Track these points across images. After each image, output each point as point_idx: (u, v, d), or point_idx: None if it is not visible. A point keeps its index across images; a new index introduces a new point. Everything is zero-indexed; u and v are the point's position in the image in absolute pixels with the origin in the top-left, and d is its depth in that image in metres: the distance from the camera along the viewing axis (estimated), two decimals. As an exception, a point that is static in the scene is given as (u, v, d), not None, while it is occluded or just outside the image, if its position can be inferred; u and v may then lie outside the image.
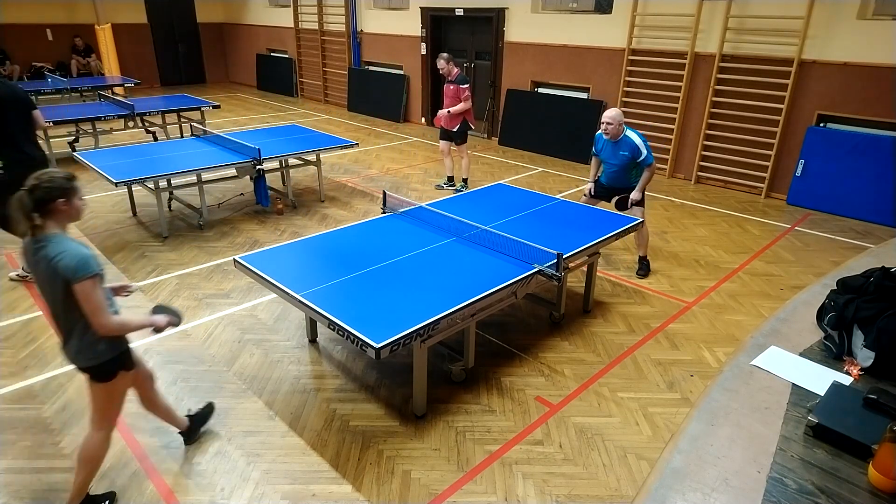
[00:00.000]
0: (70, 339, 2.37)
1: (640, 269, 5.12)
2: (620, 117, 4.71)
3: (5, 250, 5.34)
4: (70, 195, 2.28)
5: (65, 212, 2.28)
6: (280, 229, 6.04)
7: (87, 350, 2.36)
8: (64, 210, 2.27)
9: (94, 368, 2.40)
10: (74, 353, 2.39)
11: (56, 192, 2.23)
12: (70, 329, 2.34)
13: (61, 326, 2.37)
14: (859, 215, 6.60)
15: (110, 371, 2.43)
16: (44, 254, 2.21)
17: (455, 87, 6.85)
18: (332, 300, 3.04)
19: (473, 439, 3.12)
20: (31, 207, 2.19)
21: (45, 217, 2.23)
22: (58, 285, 2.21)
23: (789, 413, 1.68)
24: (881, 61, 6.24)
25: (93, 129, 8.32)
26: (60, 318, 2.35)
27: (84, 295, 2.20)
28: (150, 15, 14.92)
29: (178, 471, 2.87)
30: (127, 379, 2.52)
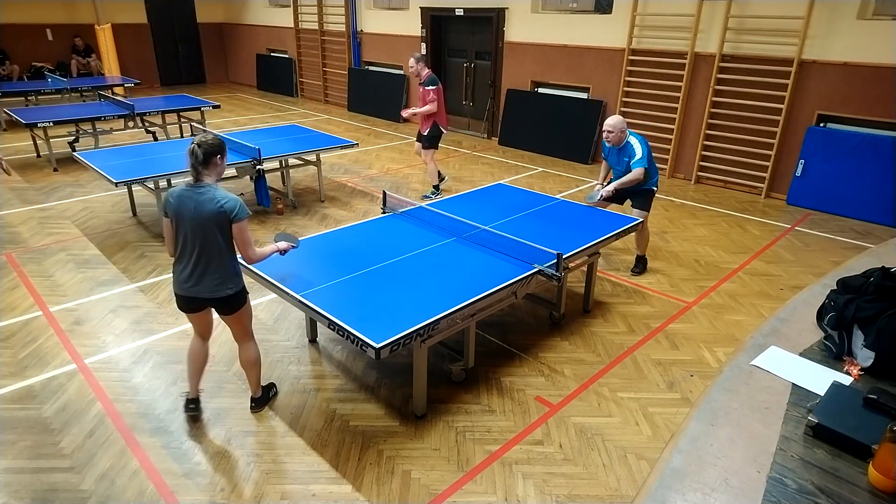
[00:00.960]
0: (206, 274, 2.82)
1: (636, 267, 5.13)
2: (621, 124, 4.72)
3: (5, 250, 5.34)
4: (224, 153, 2.85)
5: (220, 166, 2.83)
6: (280, 229, 6.03)
7: (229, 280, 2.88)
8: (220, 164, 2.83)
9: (233, 297, 2.91)
10: (215, 286, 2.85)
11: (217, 149, 2.79)
12: (208, 264, 2.81)
13: (201, 262, 2.81)
14: (859, 215, 6.60)
15: (244, 297, 2.99)
16: (208, 196, 2.73)
17: (423, 90, 6.59)
18: (332, 300, 3.04)
19: (473, 439, 3.12)
20: (200, 159, 2.74)
21: (207, 168, 2.78)
22: (212, 223, 2.73)
23: (789, 413, 1.68)
24: (881, 61, 6.24)
25: (93, 129, 8.32)
26: (203, 255, 2.79)
27: (242, 231, 2.79)
28: (150, 15, 14.91)
29: (178, 471, 2.87)
30: (249, 303, 3.07)
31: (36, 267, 5.03)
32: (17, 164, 8.09)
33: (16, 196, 6.83)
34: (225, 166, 2.92)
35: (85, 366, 3.68)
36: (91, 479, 2.80)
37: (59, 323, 4.16)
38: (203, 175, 2.77)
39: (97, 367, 3.67)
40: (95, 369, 3.65)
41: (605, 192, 4.77)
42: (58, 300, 4.47)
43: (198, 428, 3.17)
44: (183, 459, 2.95)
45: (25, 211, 6.33)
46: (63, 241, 5.57)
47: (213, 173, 2.81)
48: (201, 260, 2.80)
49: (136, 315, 4.27)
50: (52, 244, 5.51)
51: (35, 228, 5.88)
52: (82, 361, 3.72)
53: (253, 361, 3.18)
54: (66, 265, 5.07)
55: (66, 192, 6.99)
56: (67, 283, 4.75)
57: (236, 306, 2.98)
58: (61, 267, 5.03)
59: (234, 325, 3.08)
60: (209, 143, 2.76)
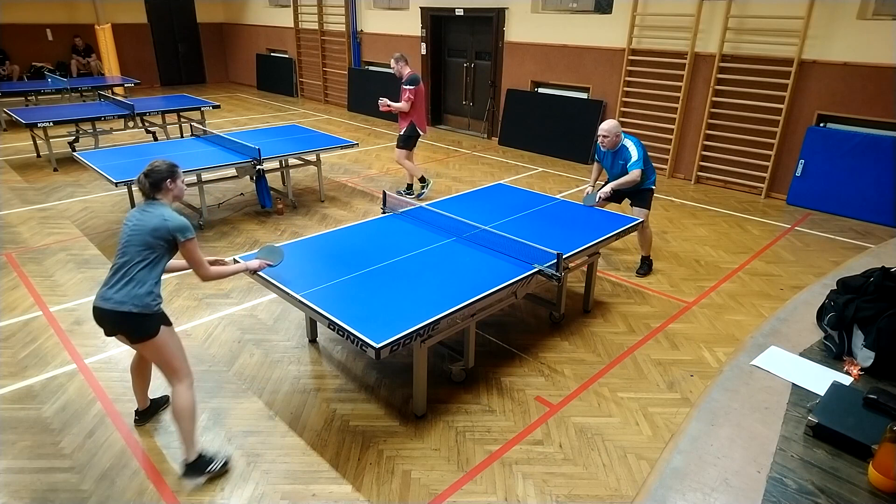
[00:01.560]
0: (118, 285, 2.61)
1: (641, 268, 5.13)
2: (616, 128, 4.73)
3: (5, 250, 5.34)
4: (175, 176, 2.78)
5: (173, 189, 2.78)
6: (280, 229, 6.04)
7: (135, 299, 2.59)
8: (172, 188, 2.77)
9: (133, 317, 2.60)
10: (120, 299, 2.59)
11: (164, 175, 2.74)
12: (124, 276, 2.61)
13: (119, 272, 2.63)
14: (859, 215, 6.60)
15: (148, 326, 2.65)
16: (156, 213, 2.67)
17: (402, 88, 6.52)
18: (332, 300, 3.04)
19: (473, 439, 3.12)
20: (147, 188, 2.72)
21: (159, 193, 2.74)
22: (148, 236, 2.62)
23: (789, 413, 1.68)
24: (881, 61, 6.24)
25: (93, 129, 8.32)
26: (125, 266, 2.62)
27: (191, 252, 2.71)
28: (150, 15, 14.92)
29: (179, 471, 2.87)
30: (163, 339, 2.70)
31: (36, 267, 5.03)
32: (17, 164, 8.10)
33: (16, 196, 6.83)
34: (182, 186, 2.83)
35: (85, 366, 3.68)
36: (91, 479, 2.80)
37: (59, 323, 4.16)
38: (156, 197, 2.73)
39: (97, 367, 3.67)
40: (95, 369, 3.65)
41: (602, 194, 4.76)
42: (58, 300, 4.47)
43: (198, 428, 3.16)
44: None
45: (25, 211, 6.33)
46: (63, 241, 5.57)
47: (167, 196, 2.76)
48: (120, 271, 2.62)
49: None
50: (52, 244, 5.51)
51: (35, 228, 5.88)
52: (82, 361, 3.72)
53: (179, 410, 2.72)
54: (66, 265, 5.07)
55: (66, 192, 6.99)
56: (67, 283, 4.75)
57: (139, 332, 2.64)
58: (61, 267, 5.04)
59: (149, 357, 2.80)
60: (155, 172, 2.71)
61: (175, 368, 2.74)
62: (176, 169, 2.80)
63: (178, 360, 2.76)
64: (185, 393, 2.73)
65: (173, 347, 2.74)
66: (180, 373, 2.75)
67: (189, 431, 2.73)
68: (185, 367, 2.79)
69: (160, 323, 2.67)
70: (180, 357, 2.78)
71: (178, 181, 2.81)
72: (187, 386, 2.76)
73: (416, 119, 6.64)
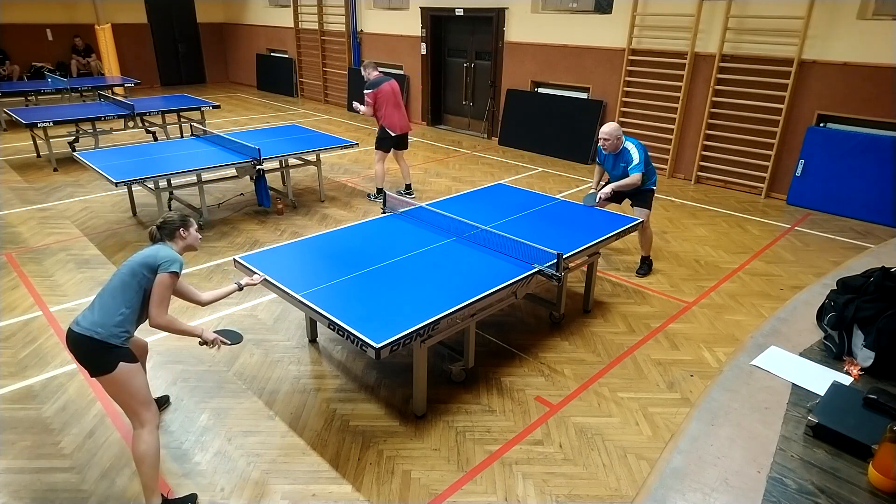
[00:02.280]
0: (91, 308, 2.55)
1: (641, 268, 5.13)
2: (617, 132, 4.72)
3: (5, 250, 5.34)
4: (188, 226, 2.82)
5: (186, 238, 2.81)
6: (280, 229, 6.04)
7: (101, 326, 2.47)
8: (185, 237, 2.80)
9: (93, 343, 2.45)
10: (88, 323, 2.48)
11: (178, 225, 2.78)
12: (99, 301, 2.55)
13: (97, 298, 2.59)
14: (859, 215, 6.60)
15: (107, 361, 2.46)
16: (152, 249, 2.65)
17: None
18: (332, 300, 3.04)
19: (473, 439, 3.12)
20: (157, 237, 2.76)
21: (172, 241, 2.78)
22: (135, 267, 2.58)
23: (789, 413, 1.68)
24: (881, 61, 6.24)
25: (93, 129, 8.32)
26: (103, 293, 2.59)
27: (160, 284, 2.56)
28: (150, 15, 14.91)
29: (178, 471, 2.87)
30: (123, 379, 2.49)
31: (36, 267, 5.03)
32: (18, 164, 8.10)
33: (16, 196, 6.83)
34: (196, 235, 2.86)
35: (85, 366, 3.68)
36: (91, 479, 2.80)
37: (59, 323, 4.16)
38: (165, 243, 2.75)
39: (97, 367, 3.67)
40: (95, 369, 3.64)
41: (602, 195, 4.75)
42: (58, 300, 4.47)
43: (198, 428, 3.17)
44: (183, 459, 2.95)
45: (25, 211, 6.33)
46: (63, 241, 5.57)
47: (179, 244, 2.78)
48: (99, 298, 2.57)
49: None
50: (52, 244, 5.51)
51: (35, 228, 5.88)
52: (82, 361, 3.72)
53: (139, 456, 2.50)
54: (66, 265, 5.07)
55: (66, 192, 6.99)
56: (67, 283, 4.75)
57: (96, 363, 2.47)
58: (61, 267, 5.04)
59: (109, 395, 2.57)
60: (168, 223, 2.75)
61: (135, 411, 2.52)
62: (188, 218, 2.84)
63: (138, 402, 2.52)
64: (147, 438, 2.51)
65: (134, 388, 2.51)
66: (141, 416, 2.52)
67: (150, 478, 2.52)
68: (148, 411, 2.55)
69: (121, 359, 2.47)
70: (142, 400, 2.53)
71: (192, 229, 2.84)
72: (149, 431, 2.52)
73: (385, 121, 6.65)
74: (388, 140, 6.74)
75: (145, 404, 2.55)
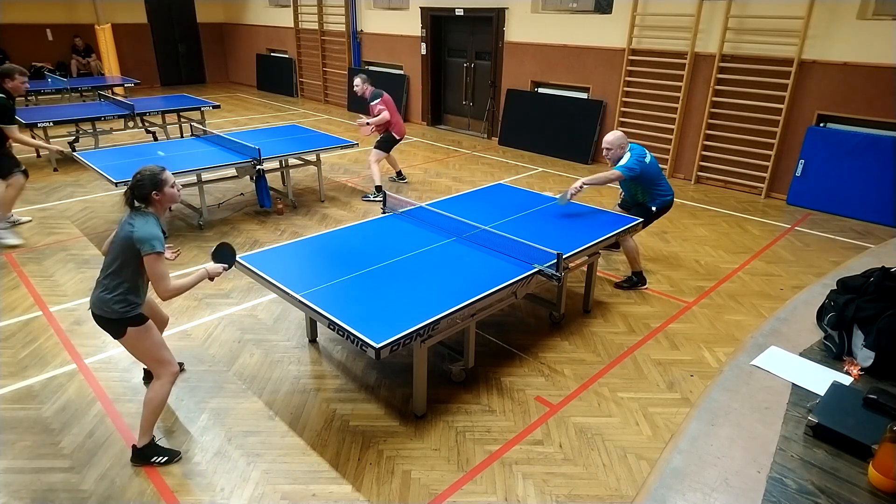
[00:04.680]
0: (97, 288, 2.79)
1: (625, 282, 4.84)
2: (619, 140, 4.61)
3: (5, 250, 5.34)
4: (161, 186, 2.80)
5: (160, 199, 2.81)
6: (280, 229, 6.04)
7: (108, 302, 2.73)
8: (158, 198, 2.81)
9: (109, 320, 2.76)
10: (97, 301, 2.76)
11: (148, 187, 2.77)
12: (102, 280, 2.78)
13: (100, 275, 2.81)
14: (859, 215, 6.60)
15: (124, 328, 2.77)
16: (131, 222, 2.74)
17: (370, 105, 6.89)
18: (332, 300, 3.04)
19: (473, 439, 3.12)
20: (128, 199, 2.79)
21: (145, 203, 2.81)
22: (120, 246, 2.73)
23: (789, 413, 1.68)
24: (881, 61, 6.24)
25: (93, 129, 8.32)
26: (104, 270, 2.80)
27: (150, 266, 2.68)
28: (150, 15, 14.92)
29: (178, 471, 2.87)
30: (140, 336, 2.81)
31: (36, 267, 5.03)
32: (17, 164, 8.09)
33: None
34: (173, 192, 2.84)
35: (85, 366, 3.68)
36: (91, 479, 2.80)
37: (59, 323, 4.16)
38: (145, 209, 2.80)
39: (97, 367, 3.67)
40: (95, 369, 3.64)
41: (572, 190, 4.51)
42: (58, 300, 4.47)
43: (198, 428, 3.17)
44: (183, 460, 2.94)
45: (25, 211, 6.33)
46: (63, 241, 5.57)
47: (157, 207, 2.82)
48: (101, 274, 2.80)
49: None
50: (52, 244, 5.51)
51: (35, 228, 5.88)
52: (82, 361, 3.72)
53: (148, 399, 2.85)
54: (66, 265, 5.07)
55: (66, 192, 6.99)
56: (67, 283, 4.75)
57: (117, 332, 2.78)
58: (61, 267, 5.03)
59: (131, 352, 2.91)
60: (139, 186, 2.76)
61: (151, 365, 2.90)
62: (159, 177, 2.78)
63: (151, 359, 2.87)
64: (157, 388, 2.85)
65: (145, 348, 2.83)
66: (156, 370, 2.87)
67: (148, 421, 2.85)
68: (162, 366, 2.86)
69: (128, 325, 2.75)
70: (154, 357, 2.85)
71: (166, 188, 2.81)
72: (161, 383, 2.85)
73: (395, 128, 6.93)
74: (391, 143, 6.99)
75: (158, 361, 2.86)
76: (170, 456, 2.90)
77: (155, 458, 2.88)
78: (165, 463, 2.88)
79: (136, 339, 2.80)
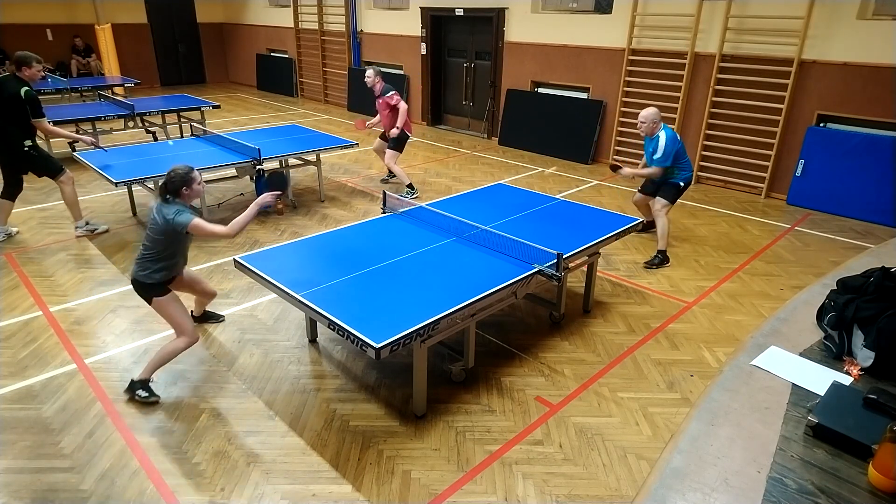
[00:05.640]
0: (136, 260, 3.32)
1: (653, 261, 5.25)
2: (654, 117, 5.06)
3: (5, 250, 5.34)
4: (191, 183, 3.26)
5: (189, 194, 3.28)
6: (280, 229, 6.04)
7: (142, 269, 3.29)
8: (188, 193, 3.27)
9: (142, 284, 3.31)
10: (136, 269, 3.31)
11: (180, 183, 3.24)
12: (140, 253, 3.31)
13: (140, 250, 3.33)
14: (859, 215, 6.60)
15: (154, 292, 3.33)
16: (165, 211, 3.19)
17: (383, 99, 6.82)
18: (332, 300, 3.04)
19: (473, 439, 3.12)
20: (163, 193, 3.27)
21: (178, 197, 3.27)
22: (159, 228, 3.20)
23: (789, 413, 1.68)
24: (881, 61, 6.24)
25: (93, 129, 8.31)
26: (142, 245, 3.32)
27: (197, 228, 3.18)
28: (150, 15, 14.92)
29: (178, 471, 2.87)
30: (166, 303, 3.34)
31: (36, 267, 5.03)
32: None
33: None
34: (199, 188, 3.32)
35: (85, 366, 3.68)
36: (91, 479, 2.80)
37: (59, 323, 4.16)
38: (173, 199, 3.26)
39: (97, 367, 3.67)
40: (95, 369, 3.64)
41: (624, 172, 5.17)
42: (58, 300, 4.47)
43: (198, 428, 3.17)
44: (183, 459, 2.95)
45: (25, 211, 6.33)
46: (63, 241, 5.57)
47: (186, 199, 3.29)
48: (140, 249, 3.32)
49: (136, 315, 4.27)
50: (52, 244, 5.51)
51: (35, 228, 5.88)
52: (82, 361, 3.72)
53: (163, 348, 3.38)
54: (66, 265, 5.07)
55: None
56: (67, 283, 4.75)
57: (148, 295, 3.32)
58: (61, 267, 5.03)
59: (159, 314, 3.41)
60: (171, 182, 3.23)
61: (173, 328, 3.41)
62: (189, 176, 3.24)
63: (173, 323, 3.38)
64: (176, 345, 3.34)
65: (167, 314, 3.36)
66: (179, 331, 3.37)
67: (154, 363, 3.34)
68: (181, 331, 3.35)
69: (154, 294, 3.32)
70: (175, 323, 3.36)
71: (195, 185, 3.28)
72: (181, 342, 3.34)
73: (405, 125, 6.88)
74: (405, 140, 7.01)
75: (178, 326, 3.36)
76: (150, 394, 3.31)
77: (139, 391, 3.29)
78: (145, 399, 3.28)
79: (163, 305, 3.33)
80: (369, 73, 6.82)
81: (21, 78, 5.20)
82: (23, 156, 5.28)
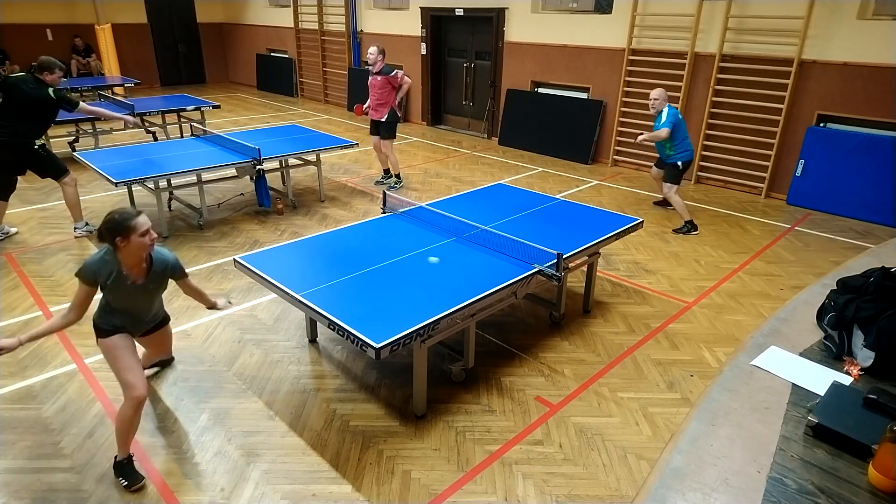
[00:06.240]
0: None
1: (681, 228, 6.03)
2: (661, 96, 5.89)
3: (5, 250, 5.34)
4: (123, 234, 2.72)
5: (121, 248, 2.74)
6: (280, 229, 6.04)
7: None
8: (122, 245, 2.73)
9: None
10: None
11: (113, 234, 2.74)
12: None
13: None
14: (859, 215, 6.60)
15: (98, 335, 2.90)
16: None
17: (383, 77, 6.74)
18: (332, 300, 3.04)
19: (473, 439, 3.12)
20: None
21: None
22: None
23: (789, 413, 1.68)
24: (881, 61, 6.24)
25: (93, 129, 8.32)
26: None
27: None
28: (150, 15, 14.91)
29: (178, 471, 2.87)
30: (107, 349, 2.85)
31: (36, 267, 5.03)
32: (17, 164, 8.08)
33: (16, 196, 6.79)
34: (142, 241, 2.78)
35: (85, 366, 3.68)
36: (91, 479, 2.80)
37: (59, 323, 4.16)
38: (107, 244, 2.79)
39: (97, 367, 3.67)
40: (95, 369, 3.64)
41: (640, 139, 6.01)
42: (58, 300, 4.47)
43: (198, 428, 3.17)
44: (183, 459, 2.95)
45: (25, 211, 6.33)
46: (63, 241, 5.57)
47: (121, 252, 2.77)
48: None
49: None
50: (52, 244, 5.51)
51: (35, 228, 5.88)
52: (82, 361, 3.72)
53: (118, 418, 2.76)
54: (66, 265, 5.07)
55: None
56: (67, 283, 4.75)
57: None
58: (61, 267, 5.03)
59: None
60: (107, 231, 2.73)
61: (120, 380, 2.79)
62: (126, 226, 2.67)
63: (117, 374, 2.80)
64: (123, 408, 2.73)
65: (109, 360, 2.84)
66: (123, 387, 2.76)
67: (122, 438, 2.77)
68: (127, 385, 2.72)
69: (98, 336, 2.87)
70: (120, 373, 2.78)
71: (132, 237, 2.67)
72: (126, 401, 2.72)
73: (395, 103, 6.95)
74: (396, 124, 7.06)
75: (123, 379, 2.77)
76: (130, 482, 2.73)
77: (120, 477, 2.76)
78: (127, 487, 2.72)
79: (105, 350, 2.86)
80: (372, 50, 6.70)
81: (42, 81, 5.26)
82: (31, 154, 5.31)
